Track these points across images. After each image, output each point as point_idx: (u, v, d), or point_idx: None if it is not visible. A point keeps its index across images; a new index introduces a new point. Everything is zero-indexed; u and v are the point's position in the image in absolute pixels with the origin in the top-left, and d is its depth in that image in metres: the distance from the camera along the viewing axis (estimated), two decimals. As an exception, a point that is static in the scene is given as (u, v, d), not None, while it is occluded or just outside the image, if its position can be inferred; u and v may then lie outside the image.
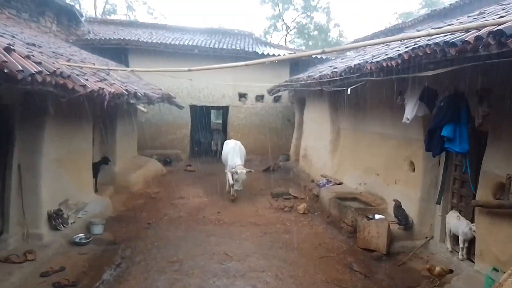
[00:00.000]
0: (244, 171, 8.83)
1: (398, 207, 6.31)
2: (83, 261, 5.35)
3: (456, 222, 5.23)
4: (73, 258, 5.37)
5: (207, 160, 14.78)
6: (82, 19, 14.54)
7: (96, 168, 8.07)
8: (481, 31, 3.28)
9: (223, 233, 6.95)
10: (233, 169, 8.87)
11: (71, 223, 6.16)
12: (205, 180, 11.40)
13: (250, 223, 7.53)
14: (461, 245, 5.17)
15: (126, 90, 6.72)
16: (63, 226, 5.92)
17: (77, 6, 20.92)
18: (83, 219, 6.56)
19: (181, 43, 14.41)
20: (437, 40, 3.81)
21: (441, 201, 5.76)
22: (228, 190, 9.51)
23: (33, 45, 6.04)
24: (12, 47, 3.97)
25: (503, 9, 4.86)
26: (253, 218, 7.84)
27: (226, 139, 15.65)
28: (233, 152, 9.30)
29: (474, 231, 4.86)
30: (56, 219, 5.85)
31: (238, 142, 9.85)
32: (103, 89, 5.48)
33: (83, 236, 6.00)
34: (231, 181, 9.06)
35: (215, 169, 12.23)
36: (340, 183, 9.08)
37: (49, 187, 5.80)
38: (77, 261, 5.31)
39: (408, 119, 5.53)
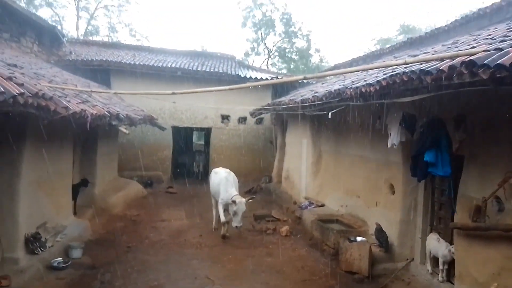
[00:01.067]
0: (244, 200, 7.55)
1: (379, 230, 6.41)
2: (61, 287, 5.21)
3: (436, 244, 5.32)
4: (50, 283, 5.23)
5: (189, 182, 14.62)
6: (64, 40, 14.49)
7: (75, 190, 7.92)
8: (454, 60, 3.45)
9: (205, 256, 6.88)
10: (229, 200, 7.58)
11: (49, 247, 6.00)
12: (186, 202, 11.29)
13: (232, 246, 7.47)
14: (441, 267, 5.25)
15: (108, 112, 6.70)
16: (41, 250, 5.75)
17: (59, 27, 20.83)
18: (61, 242, 6.39)
19: (164, 65, 14.50)
20: (413, 68, 3.98)
21: (417, 223, 5.87)
22: (216, 227, 8.41)
23: (15, 66, 6.01)
24: (-6, 68, 3.95)
25: (474, 40, 5.12)
26: (235, 241, 7.79)
27: (208, 161, 15.72)
28: (225, 182, 7.96)
29: (453, 253, 4.96)
30: (33, 242, 5.67)
31: (229, 171, 8.49)
32: (85, 110, 5.46)
33: (61, 260, 5.84)
34: (222, 217, 7.83)
35: (197, 190, 12.15)
36: (322, 205, 9.15)
37: (27, 210, 5.65)
38: (54, 287, 5.16)
39: (395, 145, 5.71)
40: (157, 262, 6.47)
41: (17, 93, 3.75)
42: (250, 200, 8.07)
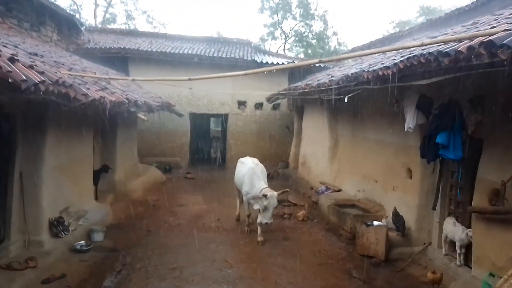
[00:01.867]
0: (275, 194, 6.53)
1: (396, 214, 6.39)
2: (84, 268, 5.39)
3: (452, 228, 5.29)
4: (74, 265, 5.41)
5: (206, 168, 14.87)
6: (82, 28, 14.67)
7: (96, 176, 8.12)
8: (473, 41, 3.38)
9: (222, 240, 7.00)
10: (259, 194, 6.65)
11: (72, 231, 6.21)
12: (204, 187, 11.46)
13: (249, 230, 7.57)
14: (458, 251, 5.23)
15: (127, 99, 6.81)
16: (64, 234, 5.96)
17: (77, 16, 21.11)
18: (83, 226, 6.60)
19: (181, 51, 14.56)
20: (431, 50, 3.91)
21: (436, 207, 5.83)
22: (237, 218, 8.16)
23: (36, 54, 6.13)
24: (15, 57, 4.05)
25: (495, 20, 4.97)
26: (252, 225, 7.87)
27: (225, 146, 15.83)
28: (252, 174, 7.12)
29: (470, 236, 4.92)
30: (57, 226, 5.89)
31: (257, 162, 7.71)
32: (104, 97, 5.56)
33: (84, 244, 6.05)
34: (247, 211, 7.38)
35: (214, 176, 12.31)
36: (339, 190, 9.15)
37: (50, 195, 5.85)
38: (78, 268, 5.34)
39: (410, 128, 5.65)
40: (176, 245, 6.62)
41: (38, 81, 3.84)
42: (285, 192, 7.20)
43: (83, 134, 7.19)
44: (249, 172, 7.23)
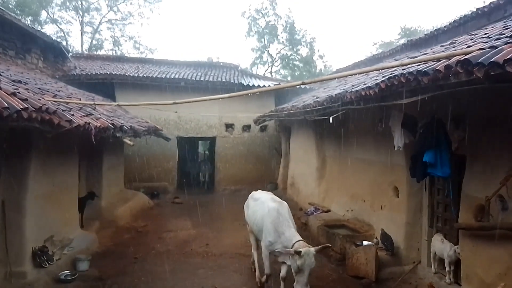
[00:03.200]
0: (313, 250, 4.68)
1: (383, 234, 6.42)
2: (68, 299, 5.23)
3: (440, 245, 5.29)
4: (58, 297, 5.25)
5: (195, 192, 14.71)
6: (69, 55, 14.73)
7: (82, 203, 7.98)
8: (450, 60, 3.46)
9: (211, 265, 6.87)
10: (290, 250, 4.79)
11: (56, 260, 6.04)
12: (193, 212, 11.29)
13: (239, 254, 7.45)
14: (447, 268, 5.21)
15: (112, 124, 6.77)
16: (48, 263, 5.79)
17: (64, 42, 21.21)
18: (68, 255, 6.44)
19: (168, 76, 14.62)
20: (411, 69, 4.00)
21: (423, 225, 5.85)
22: (254, 268, 6.26)
23: (19, 82, 6.12)
24: (-2, 85, 4.03)
25: (471, 39, 5.13)
26: (242, 249, 7.76)
27: (213, 170, 15.75)
28: (277, 217, 5.29)
29: (458, 253, 4.92)
30: (40, 256, 5.73)
31: (281, 201, 5.92)
32: (89, 123, 5.53)
33: (69, 273, 5.88)
34: (267, 268, 5.50)
35: (203, 200, 12.19)
36: (328, 211, 9.13)
37: (34, 224, 5.72)
38: (62, 300, 5.19)
39: (400, 147, 5.70)
40: (164, 272, 6.47)
41: (20, 108, 3.82)
42: (326, 248, 5.31)
43: (68, 161, 7.10)
44: (272, 214, 5.36)
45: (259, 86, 14.96)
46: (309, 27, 56.92)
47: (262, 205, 5.84)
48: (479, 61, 2.91)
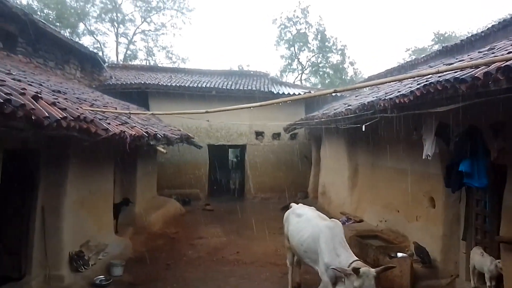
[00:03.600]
0: (373, 272, 4.09)
1: (417, 247, 6.22)
2: (103, 304, 5.35)
3: (480, 259, 5.06)
4: (93, 301, 5.39)
5: (225, 199, 14.85)
6: (105, 65, 15.25)
7: (117, 209, 8.19)
8: (490, 67, 3.34)
9: (242, 273, 6.87)
10: (346, 269, 4.28)
11: (91, 265, 6.21)
12: (223, 219, 11.38)
13: (269, 263, 7.42)
14: (488, 283, 4.97)
15: (146, 132, 6.93)
16: (84, 268, 5.97)
17: (100, 53, 21.98)
18: (103, 260, 6.60)
19: (199, 85, 14.87)
20: (447, 77, 3.88)
21: (466, 237, 5.61)
22: None
23: (59, 92, 6.36)
24: (39, 95, 4.21)
25: (512, 45, 4.94)
26: (272, 258, 7.73)
27: (244, 177, 15.81)
28: (333, 237, 4.81)
29: (500, 268, 4.70)
30: (77, 260, 5.91)
31: (334, 220, 5.33)
32: (124, 132, 5.67)
33: (103, 278, 6.03)
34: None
35: (233, 207, 12.23)
36: (361, 221, 8.94)
37: (71, 229, 5.92)
38: (97, 304, 5.31)
39: (429, 156, 5.53)
40: (196, 279, 6.53)
41: (60, 117, 3.96)
42: (391, 269, 4.85)
43: (103, 168, 7.32)
44: (327, 233, 4.86)
45: (289, 94, 14.97)
46: (340, 34, 56.53)
47: (309, 222, 5.36)
48: (521, 67, 2.80)
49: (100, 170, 7.17)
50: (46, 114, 3.74)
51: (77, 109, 5.09)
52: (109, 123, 5.53)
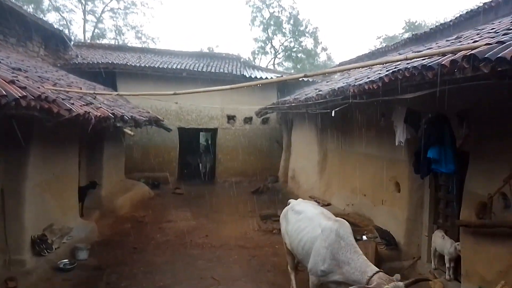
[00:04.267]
0: (402, 286, 3.48)
1: (378, 229, 6.42)
2: (67, 288, 5.23)
3: (441, 242, 5.26)
4: (57, 285, 5.28)
5: (195, 183, 14.76)
6: (71, 44, 14.65)
7: (83, 192, 7.98)
8: (456, 55, 3.39)
9: (210, 257, 6.87)
10: (356, 280, 3.73)
11: (55, 249, 6.04)
12: (193, 202, 11.33)
13: (238, 246, 7.47)
14: (447, 264, 5.19)
15: (113, 114, 6.72)
16: (47, 252, 5.80)
17: (66, 31, 21.10)
18: (68, 244, 6.44)
19: (170, 66, 14.54)
20: (415, 64, 3.93)
21: (424, 221, 5.82)
22: None
23: (19, 69, 6.06)
24: (-3, 72, 3.99)
25: (478, 34, 5.05)
26: (241, 241, 7.78)
27: (214, 161, 15.75)
28: (336, 239, 4.06)
29: (459, 250, 4.90)
30: (40, 244, 5.73)
31: (340, 219, 4.46)
32: (89, 113, 5.47)
33: (68, 262, 5.89)
34: None
35: (203, 191, 12.18)
36: (329, 204, 9.09)
37: (33, 212, 5.71)
38: (60, 288, 5.19)
39: (402, 142, 5.64)
40: (163, 262, 6.48)
41: (19, 96, 3.78)
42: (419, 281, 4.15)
43: (68, 150, 7.08)
44: (329, 237, 4.10)
45: (261, 78, 14.88)
46: (312, 18, 56.39)
47: (311, 222, 4.58)
48: (485, 56, 2.85)
49: (64, 152, 6.92)
50: (4, 92, 3.56)
51: (39, 88, 4.87)
52: (72, 104, 5.32)
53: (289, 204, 5.54)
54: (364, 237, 6.50)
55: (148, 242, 7.55)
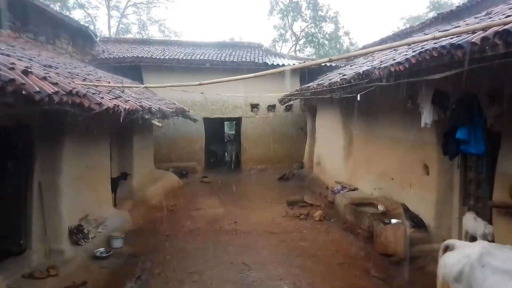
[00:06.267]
0: None
1: (406, 210, 6.33)
2: (104, 275, 5.46)
3: (473, 224, 5.17)
4: (94, 272, 5.49)
5: (222, 171, 14.98)
6: (97, 39, 14.95)
7: (115, 183, 8.25)
8: (487, 31, 3.29)
9: (240, 242, 7.00)
10: None
11: (91, 238, 6.30)
12: (220, 190, 11.51)
13: (266, 232, 7.57)
14: (480, 247, 5.10)
15: (141, 106, 6.88)
16: (84, 241, 6.05)
17: (91, 27, 21.54)
18: (103, 233, 6.69)
19: (193, 57, 14.68)
20: (443, 43, 3.84)
21: (454, 203, 5.73)
22: None
23: (50, 66, 6.26)
24: (29, 69, 4.14)
25: (510, 9, 4.85)
26: (269, 227, 7.87)
27: (240, 150, 15.87)
28: None
29: (492, 232, 4.81)
30: (77, 234, 5.98)
31: None
32: (118, 106, 5.62)
33: (104, 250, 6.13)
34: None
35: (230, 179, 12.37)
36: (355, 189, 9.06)
37: (69, 204, 5.95)
38: (98, 275, 5.42)
39: (428, 124, 5.55)
40: (194, 249, 6.65)
41: (51, 92, 3.91)
42: None
43: (99, 143, 7.31)
44: None
45: (283, 65, 14.80)
46: (332, 3, 55.24)
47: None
48: (519, 31, 2.77)
49: (96, 145, 7.15)
50: (37, 88, 3.69)
51: (69, 83, 5.02)
52: (102, 98, 5.46)
53: (449, 249, 3.61)
54: (394, 221, 6.46)
55: (179, 230, 7.75)
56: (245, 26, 53.33)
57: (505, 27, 3.00)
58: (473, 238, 5.29)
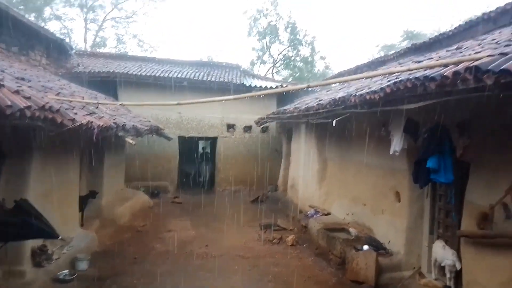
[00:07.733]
0: None
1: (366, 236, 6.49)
2: (67, 299, 5.20)
3: (442, 252, 5.26)
4: (56, 296, 5.22)
5: (195, 191, 14.70)
6: (72, 52, 14.70)
7: (83, 202, 7.96)
8: (458, 66, 3.43)
9: (211, 267, 6.84)
10: None
11: (55, 259, 6.01)
12: (192, 212, 11.30)
13: (238, 256, 7.43)
14: (448, 275, 5.18)
15: (115, 123, 6.74)
16: (47, 263, 5.77)
17: (67, 40, 21.17)
18: (68, 254, 6.40)
19: (170, 75, 14.56)
20: (417, 75, 3.97)
21: (424, 231, 5.83)
22: None
23: (22, 79, 6.09)
24: (1, 82, 4.00)
25: (479, 45, 5.10)
26: (241, 251, 7.75)
27: (214, 170, 15.73)
28: None
29: (460, 260, 4.89)
30: (40, 255, 5.70)
31: None
32: (91, 122, 5.49)
33: (68, 273, 5.85)
34: None
35: (202, 200, 12.14)
36: (328, 214, 9.10)
37: (34, 222, 5.67)
38: (60, 299, 5.16)
39: (396, 151, 5.68)
40: (164, 273, 6.44)
41: (24, 106, 3.79)
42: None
43: (69, 159, 7.07)
44: None
45: (261, 87, 14.94)
46: (310, 28, 56.67)
47: None
48: (489, 68, 2.88)
49: (66, 162, 6.92)
50: (9, 102, 3.57)
51: (42, 98, 4.89)
52: (76, 113, 5.34)
53: None
54: (365, 247, 6.49)
55: (148, 252, 7.51)
56: (222, 45, 53.78)
57: (475, 63, 3.13)
58: (441, 266, 5.38)
